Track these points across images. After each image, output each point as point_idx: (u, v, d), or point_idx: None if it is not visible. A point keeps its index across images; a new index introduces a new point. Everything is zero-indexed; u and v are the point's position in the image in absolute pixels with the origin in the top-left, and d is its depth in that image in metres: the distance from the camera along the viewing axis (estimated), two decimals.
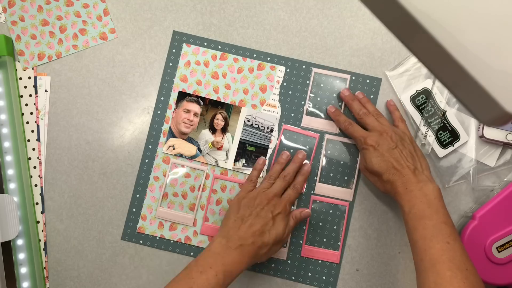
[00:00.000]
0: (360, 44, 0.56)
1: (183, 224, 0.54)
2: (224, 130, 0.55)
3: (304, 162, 0.54)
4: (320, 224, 0.54)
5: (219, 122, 0.55)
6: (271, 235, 0.47)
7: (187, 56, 0.55)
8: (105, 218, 0.55)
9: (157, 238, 0.54)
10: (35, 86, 0.55)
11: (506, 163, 0.54)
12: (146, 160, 0.55)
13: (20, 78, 0.55)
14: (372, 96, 0.55)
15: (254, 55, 0.55)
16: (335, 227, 0.54)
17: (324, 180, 0.54)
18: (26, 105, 0.55)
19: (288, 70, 0.55)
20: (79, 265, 0.54)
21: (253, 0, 0.56)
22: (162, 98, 0.55)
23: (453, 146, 0.54)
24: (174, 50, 0.56)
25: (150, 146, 0.55)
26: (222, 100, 0.55)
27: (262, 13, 0.56)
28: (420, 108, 0.54)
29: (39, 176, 0.55)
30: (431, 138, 0.54)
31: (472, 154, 0.54)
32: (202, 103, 0.55)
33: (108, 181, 0.55)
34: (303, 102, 0.55)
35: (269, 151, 0.55)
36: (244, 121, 0.55)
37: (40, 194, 0.55)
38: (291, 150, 0.55)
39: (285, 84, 0.55)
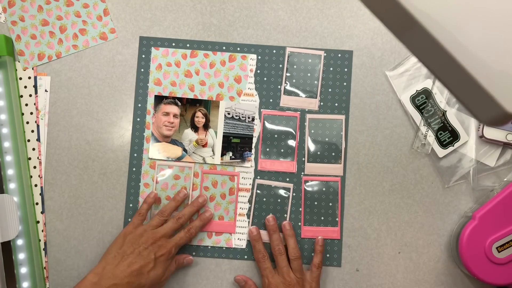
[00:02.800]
0: (360, 44, 0.56)
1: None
2: (206, 126, 0.55)
3: (207, 209, 0.53)
4: (316, 203, 0.54)
5: (199, 119, 0.55)
6: (149, 277, 0.46)
7: (157, 59, 0.55)
8: (105, 218, 0.55)
9: None
10: (35, 86, 0.55)
11: (506, 163, 0.54)
12: (134, 169, 0.55)
13: (20, 78, 0.55)
14: (346, 70, 0.55)
15: (224, 48, 0.55)
16: (330, 204, 0.54)
17: (313, 160, 0.55)
18: (26, 105, 0.55)
19: (259, 57, 0.55)
20: (79, 265, 0.54)
21: (253, 0, 0.56)
22: (140, 105, 0.55)
23: (453, 146, 0.54)
24: (143, 56, 0.56)
25: (135, 155, 0.55)
26: (199, 97, 0.55)
27: (262, 13, 0.56)
28: (420, 108, 0.54)
29: (39, 176, 0.55)
30: (431, 138, 0.54)
31: (472, 154, 0.54)
32: (179, 103, 0.55)
33: (108, 181, 0.55)
34: (279, 86, 0.55)
35: (254, 140, 0.55)
36: (224, 115, 0.55)
37: (40, 194, 0.55)
38: (275, 135, 0.55)
39: (258, 71, 0.55)
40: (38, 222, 0.55)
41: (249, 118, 0.55)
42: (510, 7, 0.24)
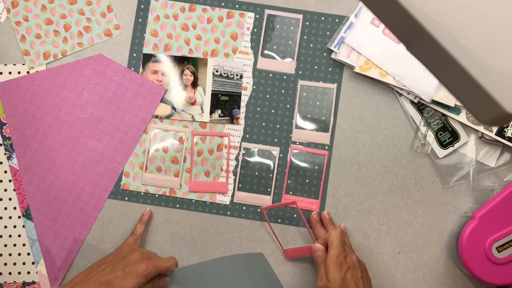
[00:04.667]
0: None
1: (168, 179, 0.54)
2: (194, 84, 0.55)
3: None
4: (301, 173, 0.55)
5: (188, 77, 0.55)
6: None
7: (155, 11, 0.56)
8: (105, 218, 0.55)
9: (142, 193, 0.55)
10: None
11: (506, 163, 0.54)
12: None
13: None
14: (328, 33, 0.55)
15: (223, 4, 0.56)
16: (315, 174, 0.55)
17: (302, 126, 0.55)
18: None
19: (257, 16, 0.55)
20: (79, 265, 0.54)
21: None
22: (134, 55, 0.55)
23: (453, 146, 0.54)
24: (142, 6, 0.56)
25: None
26: (194, 51, 0.55)
27: None
28: (420, 108, 0.55)
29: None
30: (430, 138, 0.54)
31: (472, 154, 0.54)
32: (168, 61, 0.55)
33: None
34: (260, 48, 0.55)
35: (243, 98, 0.55)
36: (213, 72, 0.55)
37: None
38: (267, 96, 0.55)
39: (255, 30, 0.56)
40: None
41: (237, 75, 0.55)
42: (509, 7, 0.25)
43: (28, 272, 0.54)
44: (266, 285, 0.51)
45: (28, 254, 0.54)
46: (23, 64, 0.56)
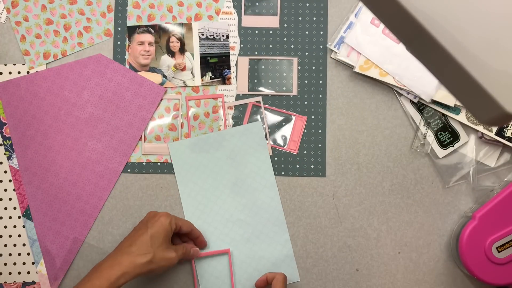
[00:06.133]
0: None
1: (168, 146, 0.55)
2: (182, 50, 0.56)
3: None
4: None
5: (174, 44, 0.55)
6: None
7: None
8: (105, 218, 0.55)
9: (144, 163, 0.55)
10: None
11: (506, 163, 0.54)
12: None
13: None
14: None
15: None
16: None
17: None
18: None
19: None
20: (79, 265, 0.54)
21: None
22: (119, 29, 0.56)
23: (453, 146, 0.54)
24: None
25: None
26: (178, 18, 0.55)
27: None
28: (420, 108, 0.55)
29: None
30: (430, 138, 0.54)
31: (472, 154, 0.54)
32: (153, 30, 0.56)
33: None
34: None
35: (232, 57, 0.55)
36: (199, 36, 0.55)
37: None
38: (256, 31, 0.55)
39: None
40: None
41: (223, 36, 0.55)
42: (509, 8, 0.25)
43: (28, 272, 0.54)
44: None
45: (28, 254, 0.54)
46: (23, 64, 0.56)
